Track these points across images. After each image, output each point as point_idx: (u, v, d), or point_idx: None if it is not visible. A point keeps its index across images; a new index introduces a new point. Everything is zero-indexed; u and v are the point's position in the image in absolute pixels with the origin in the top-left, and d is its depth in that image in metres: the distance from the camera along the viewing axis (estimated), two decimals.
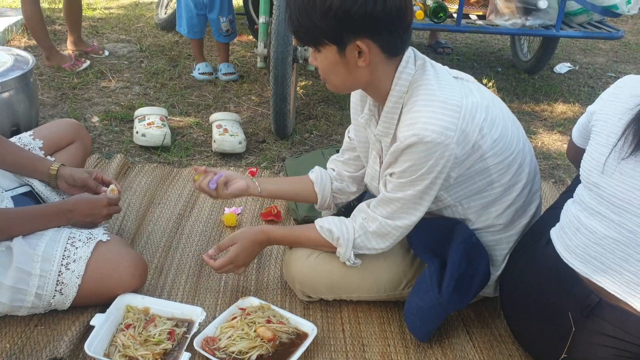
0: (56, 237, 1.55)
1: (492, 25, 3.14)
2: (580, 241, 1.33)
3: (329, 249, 1.61)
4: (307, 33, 1.39)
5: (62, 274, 1.50)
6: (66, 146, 1.94)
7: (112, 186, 1.79)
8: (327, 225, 1.59)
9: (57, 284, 1.50)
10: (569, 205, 1.41)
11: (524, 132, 1.62)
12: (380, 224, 1.52)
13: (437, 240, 1.55)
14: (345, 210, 1.88)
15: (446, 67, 1.53)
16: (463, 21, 3.09)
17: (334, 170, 1.83)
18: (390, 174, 1.47)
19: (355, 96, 1.67)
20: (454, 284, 1.49)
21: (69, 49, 3.65)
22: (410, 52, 1.45)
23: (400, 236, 1.54)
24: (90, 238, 1.57)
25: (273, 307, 1.61)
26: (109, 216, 1.73)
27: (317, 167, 1.84)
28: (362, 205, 1.60)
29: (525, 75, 3.94)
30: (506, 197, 1.55)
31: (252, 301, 1.63)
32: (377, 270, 1.64)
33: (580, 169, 1.39)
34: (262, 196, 1.81)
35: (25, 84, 2.51)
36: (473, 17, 3.29)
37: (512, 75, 3.92)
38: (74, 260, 1.51)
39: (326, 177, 1.81)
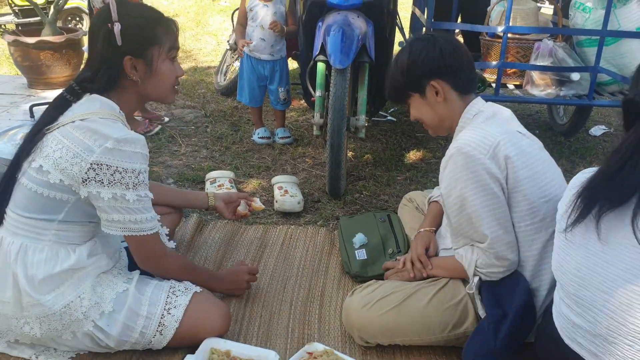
0: (160, 285, 1.84)
1: (528, 95, 3.40)
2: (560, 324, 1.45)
3: (463, 274, 1.82)
4: (397, 92, 1.88)
5: (164, 317, 1.77)
6: (164, 214, 2.19)
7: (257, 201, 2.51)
8: (460, 249, 1.83)
9: (158, 326, 1.77)
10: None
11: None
12: (486, 246, 1.72)
13: (504, 294, 1.74)
14: None
15: (520, 127, 1.79)
16: (501, 91, 3.34)
17: None
18: (444, 203, 1.78)
19: None
20: (509, 339, 1.67)
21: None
22: (479, 102, 1.81)
23: (507, 250, 1.70)
24: (187, 289, 1.85)
25: (336, 352, 1.80)
26: (249, 283, 2.19)
27: None
28: None
29: (561, 137, 4.08)
30: (532, 242, 1.73)
31: (317, 346, 1.82)
32: (423, 314, 1.85)
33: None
34: None
35: None
36: (510, 86, 3.54)
37: (549, 137, 4.09)
38: (175, 307, 1.79)
39: None
